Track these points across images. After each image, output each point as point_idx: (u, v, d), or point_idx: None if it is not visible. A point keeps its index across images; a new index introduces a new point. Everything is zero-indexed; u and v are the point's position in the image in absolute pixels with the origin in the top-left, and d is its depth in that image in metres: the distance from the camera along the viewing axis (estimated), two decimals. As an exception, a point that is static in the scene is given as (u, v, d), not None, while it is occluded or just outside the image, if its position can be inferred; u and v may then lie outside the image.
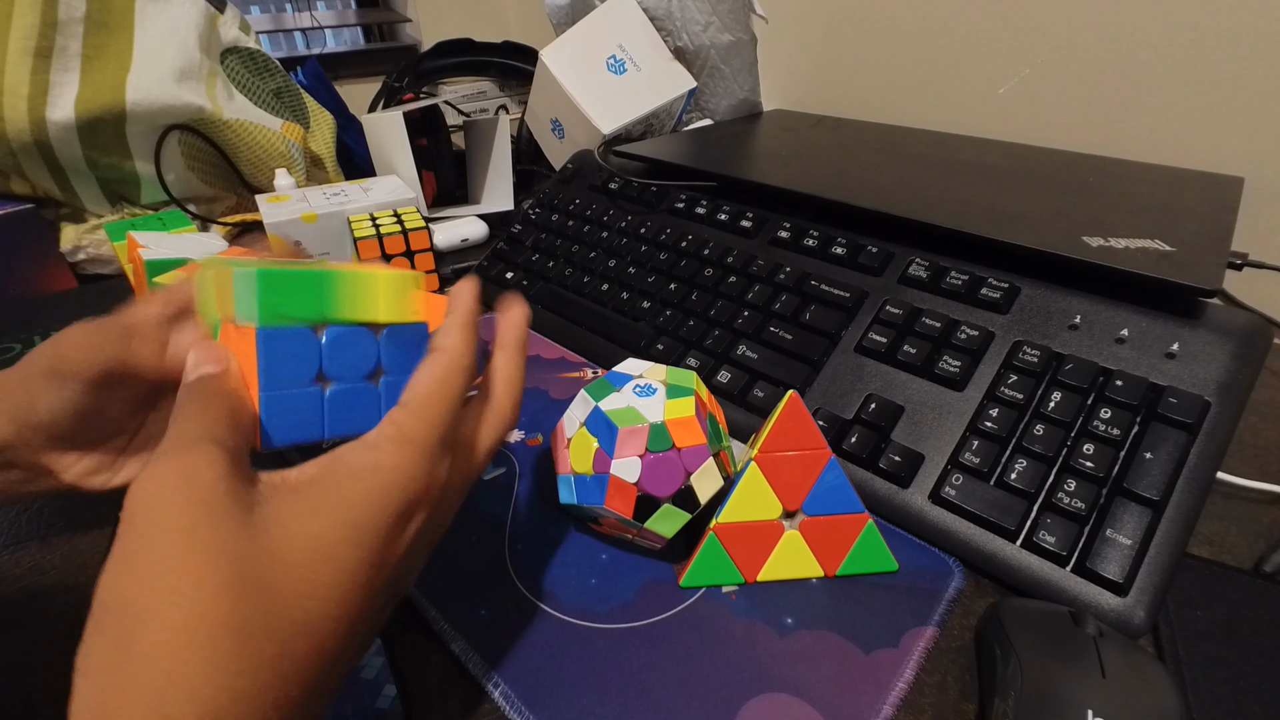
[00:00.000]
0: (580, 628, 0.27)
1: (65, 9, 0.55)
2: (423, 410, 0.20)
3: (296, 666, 0.16)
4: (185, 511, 0.15)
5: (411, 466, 0.19)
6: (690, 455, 0.27)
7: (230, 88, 0.66)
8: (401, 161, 0.65)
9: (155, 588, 0.14)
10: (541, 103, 0.68)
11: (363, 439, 0.19)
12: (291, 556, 0.16)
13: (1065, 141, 0.57)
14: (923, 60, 0.68)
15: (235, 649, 0.14)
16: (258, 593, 0.15)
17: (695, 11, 0.64)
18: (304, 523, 0.17)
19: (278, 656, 0.15)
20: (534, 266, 0.52)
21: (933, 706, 0.25)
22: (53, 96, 0.55)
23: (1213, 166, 0.49)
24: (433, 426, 0.20)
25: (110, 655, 0.14)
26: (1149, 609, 0.26)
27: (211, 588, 0.15)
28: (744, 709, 0.24)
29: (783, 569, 0.29)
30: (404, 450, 0.19)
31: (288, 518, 0.17)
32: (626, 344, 0.43)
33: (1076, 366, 0.32)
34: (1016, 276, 0.36)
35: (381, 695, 0.24)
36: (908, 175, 0.50)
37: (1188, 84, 0.53)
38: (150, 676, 0.14)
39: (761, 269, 0.43)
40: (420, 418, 0.20)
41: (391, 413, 0.20)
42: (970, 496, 0.30)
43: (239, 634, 0.15)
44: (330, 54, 1.10)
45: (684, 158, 0.55)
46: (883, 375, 0.35)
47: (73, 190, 0.60)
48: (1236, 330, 0.31)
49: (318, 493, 0.18)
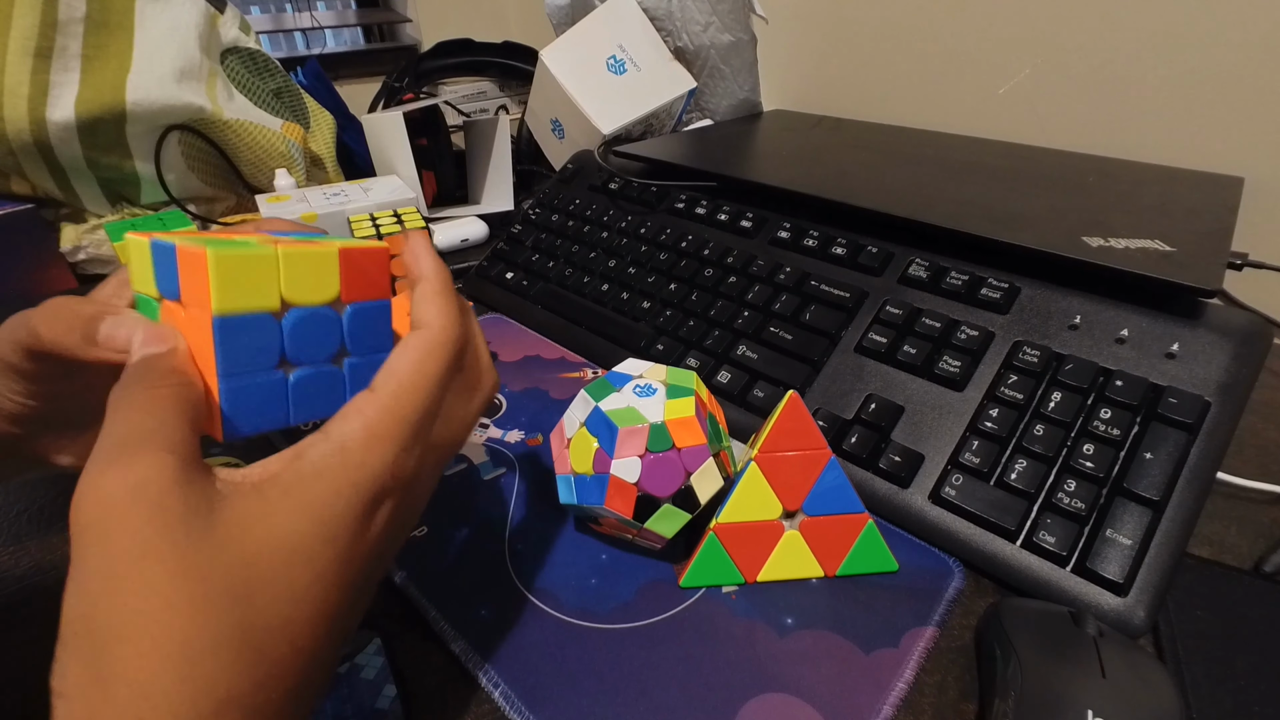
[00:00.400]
0: (580, 628, 0.27)
1: (65, 9, 0.55)
2: (394, 400, 0.19)
3: (276, 671, 0.15)
4: (140, 526, 0.15)
5: (378, 461, 0.18)
6: (690, 455, 0.27)
7: (230, 88, 0.66)
8: (401, 161, 0.65)
9: (122, 609, 0.14)
10: (541, 103, 0.68)
11: (326, 431, 0.18)
12: (262, 561, 0.16)
13: (1065, 141, 0.57)
14: (923, 60, 0.68)
15: (211, 663, 0.14)
16: (229, 603, 0.15)
17: (695, 11, 0.64)
18: (271, 524, 0.16)
19: (255, 664, 0.15)
20: (534, 266, 0.52)
21: (933, 706, 0.25)
22: (53, 96, 0.55)
23: (1213, 166, 0.49)
24: (403, 418, 0.18)
25: (84, 677, 0.14)
26: (1149, 609, 0.26)
27: (180, 604, 0.14)
28: (744, 709, 0.24)
29: (783, 569, 0.29)
30: (370, 445, 0.18)
31: (252, 519, 0.16)
32: (626, 344, 0.43)
33: (1076, 366, 0.32)
34: (1016, 276, 0.36)
35: (381, 695, 0.24)
36: (908, 175, 0.50)
37: (1188, 84, 0.53)
38: (128, 700, 0.14)
39: (761, 269, 0.43)
40: (390, 409, 0.18)
41: (359, 400, 0.19)
42: (970, 496, 0.30)
43: (213, 648, 0.14)
44: (330, 54, 1.10)
45: (684, 158, 0.55)
46: (883, 375, 0.35)
47: (73, 190, 0.60)
48: (1236, 330, 0.31)
49: (283, 491, 0.17)
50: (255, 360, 0.19)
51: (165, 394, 0.17)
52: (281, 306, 0.19)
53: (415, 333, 0.20)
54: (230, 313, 0.18)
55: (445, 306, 0.20)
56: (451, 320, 0.20)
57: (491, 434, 0.38)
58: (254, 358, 0.18)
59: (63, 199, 0.60)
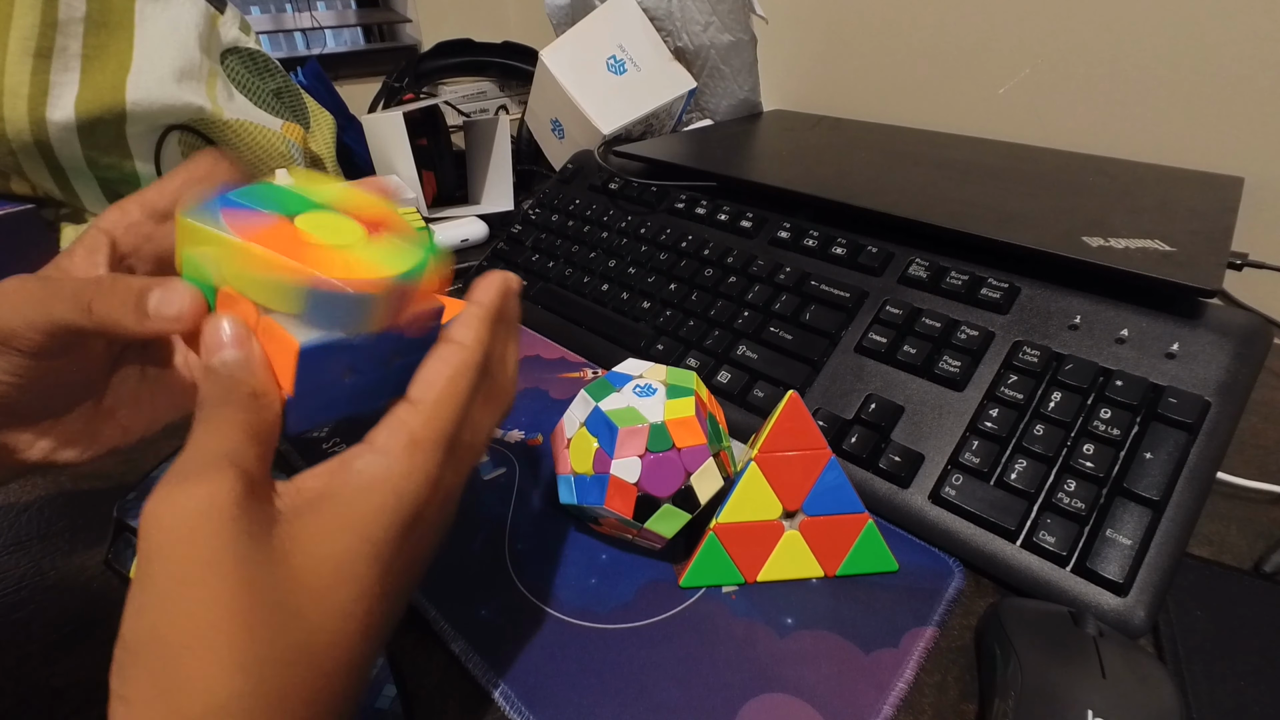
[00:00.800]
0: (580, 628, 0.27)
1: (65, 9, 0.55)
2: (434, 412, 0.19)
3: (327, 682, 0.16)
4: (207, 542, 0.15)
5: (420, 472, 0.18)
6: (690, 455, 0.27)
7: (230, 88, 0.66)
8: (401, 162, 0.65)
9: (189, 620, 0.15)
10: (541, 103, 0.68)
11: (371, 442, 0.19)
12: (316, 580, 0.16)
13: (1065, 141, 0.57)
14: (922, 60, 0.68)
15: (271, 675, 0.15)
16: (287, 620, 0.16)
17: (695, 11, 0.64)
18: (324, 544, 0.17)
19: (308, 677, 0.16)
20: (534, 266, 0.52)
21: (933, 706, 0.25)
22: (53, 96, 0.55)
23: (1213, 166, 0.49)
24: (441, 430, 0.19)
25: (149, 684, 0.15)
26: (1149, 609, 0.26)
27: (245, 618, 0.15)
28: (744, 709, 0.24)
29: (783, 569, 0.29)
30: (414, 456, 0.18)
31: (306, 538, 0.17)
32: (626, 344, 0.43)
33: (1076, 366, 0.32)
34: (1016, 276, 0.36)
35: (381, 695, 0.24)
36: (908, 175, 0.50)
37: (1188, 84, 0.53)
38: (191, 707, 0.14)
39: (761, 269, 0.43)
40: (430, 421, 0.19)
41: (399, 412, 0.19)
42: (970, 496, 0.30)
43: (273, 661, 0.15)
44: (330, 54, 1.10)
45: (684, 158, 0.55)
46: (883, 375, 0.35)
47: (73, 190, 0.60)
48: (1236, 330, 0.31)
49: (333, 509, 0.17)
50: (327, 377, 0.19)
51: (243, 418, 0.18)
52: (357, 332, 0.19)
53: (450, 347, 0.20)
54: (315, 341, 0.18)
55: (482, 332, 0.21)
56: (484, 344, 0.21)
57: (491, 434, 0.38)
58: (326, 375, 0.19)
59: (63, 199, 0.60)
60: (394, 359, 0.21)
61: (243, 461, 0.17)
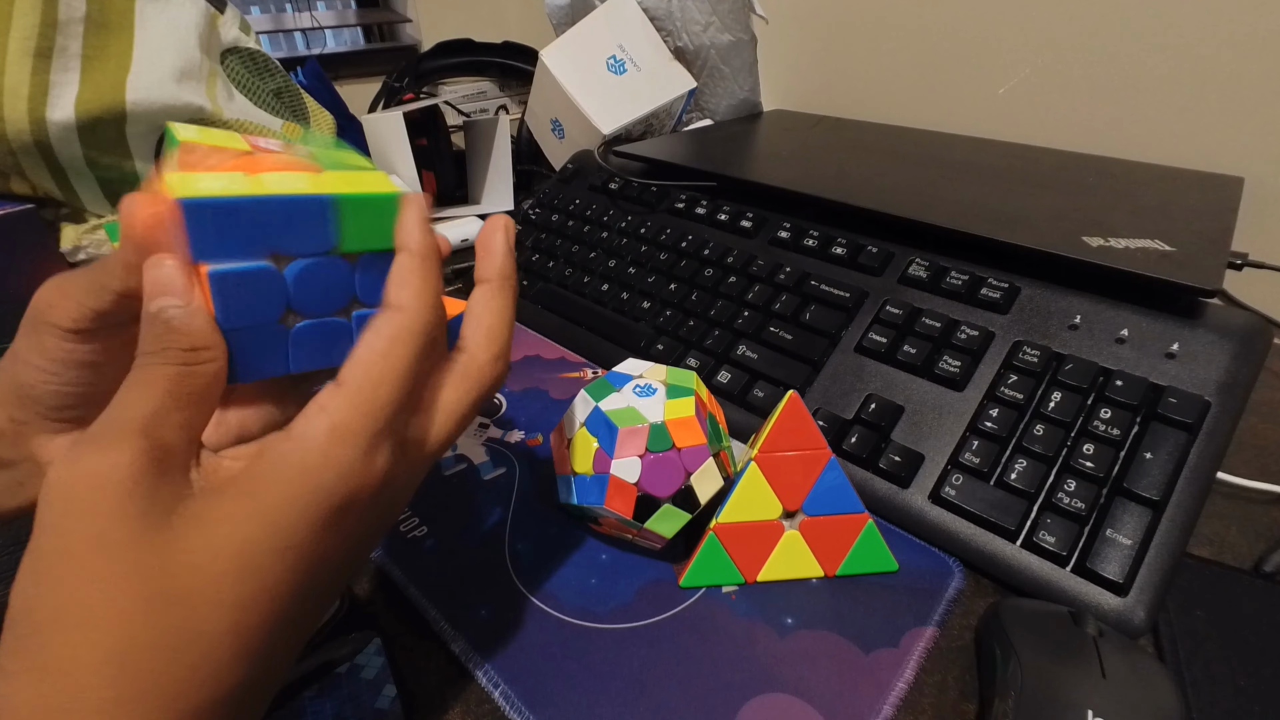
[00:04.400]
0: (580, 628, 0.27)
1: (65, 9, 0.55)
2: (360, 394, 0.17)
3: (218, 673, 0.15)
4: (95, 518, 0.15)
5: (342, 464, 0.17)
6: (690, 455, 0.27)
7: (230, 88, 0.66)
8: (401, 161, 0.65)
9: (67, 599, 0.14)
10: (541, 103, 0.68)
11: (290, 429, 0.17)
12: (213, 566, 0.15)
13: (1065, 141, 0.57)
14: (923, 60, 0.68)
15: (146, 663, 0.14)
16: (173, 607, 0.15)
17: (695, 11, 0.64)
18: (226, 530, 0.16)
19: (194, 667, 0.15)
20: (534, 266, 0.52)
21: (933, 706, 0.25)
22: (53, 96, 0.55)
23: (1213, 166, 0.49)
24: (370, 414, 0.17)
25: (24, 660, 0.14)
26: (1149, 609, 0.26)
27: (123, 602, 0.14)
28: (744, 709, 0.24)
29: (783, 569, 0.29)
30: (333, 446, 0.17)
31: (212, 521, 0.16)
32: (626, 344, 0.43)
33: (1076, 366, 0.32)
34: (1016, 276, 0.36)
35: (381, 695, 0.24)
36: (908, 175, 0.50)
37: (1188, 84, 0.53)
38: (60, 690, 0.14)
39: (761, 269, 0.43)
40: (356, 406, 0.17)
41: (321, 395, 0.17)
42: (970, 496, 0.30)
43: (150, 648, 0.14)
44: (330, 54, 1.10)
45: (684, 158, 0.55)
46: (883, 375, 0.35)
47: (73, 190, 0.60)
48: (1236, 330, 0.31)
49: (243, 495, 0.16)
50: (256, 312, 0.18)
51: (172, 375, 0.16)
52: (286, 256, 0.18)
53: (384, 316, 0.18)
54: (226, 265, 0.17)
55: (421, 286, 0.19)
56: (425, 302, 0.19)
57: (491, 434, 0.38)
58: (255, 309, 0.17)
59: (63, 199, 0.60)
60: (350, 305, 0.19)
61: (158, 429, 0.16)
